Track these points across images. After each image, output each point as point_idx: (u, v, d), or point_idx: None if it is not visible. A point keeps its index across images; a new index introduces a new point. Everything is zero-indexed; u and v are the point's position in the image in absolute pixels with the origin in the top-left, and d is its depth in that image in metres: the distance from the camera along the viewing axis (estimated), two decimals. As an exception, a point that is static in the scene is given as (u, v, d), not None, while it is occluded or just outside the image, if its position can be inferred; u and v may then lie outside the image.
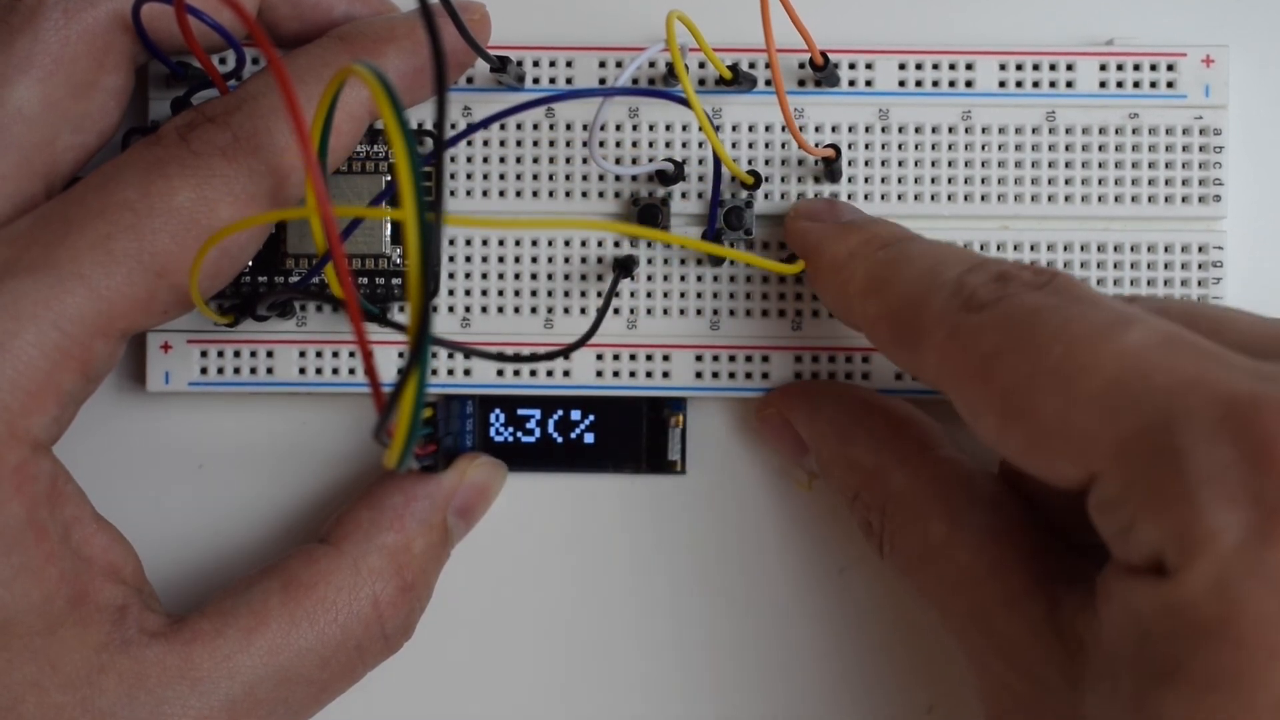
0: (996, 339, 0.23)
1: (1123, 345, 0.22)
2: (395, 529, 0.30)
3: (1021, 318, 0.23)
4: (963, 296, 0.24)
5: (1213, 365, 0.21)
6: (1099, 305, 0.23)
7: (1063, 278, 0.24)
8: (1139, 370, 0.21)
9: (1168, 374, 0.21)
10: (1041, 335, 0.23)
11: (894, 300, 0.26)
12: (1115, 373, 0.22)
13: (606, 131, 0.31)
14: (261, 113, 0.28)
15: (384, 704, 0.32)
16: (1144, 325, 0.22)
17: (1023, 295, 0.24)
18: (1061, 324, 0.23)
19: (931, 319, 0.25)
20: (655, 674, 0.32)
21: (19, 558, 0.26)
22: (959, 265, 0.25)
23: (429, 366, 0.21)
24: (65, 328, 0.26)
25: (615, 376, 0.31)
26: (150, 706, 0.26)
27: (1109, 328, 0.22)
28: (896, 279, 0.26)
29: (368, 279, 0.31)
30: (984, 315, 0.24)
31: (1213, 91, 0.31)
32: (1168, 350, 0.22)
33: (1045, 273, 0.24)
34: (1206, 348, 0.22)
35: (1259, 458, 0.20)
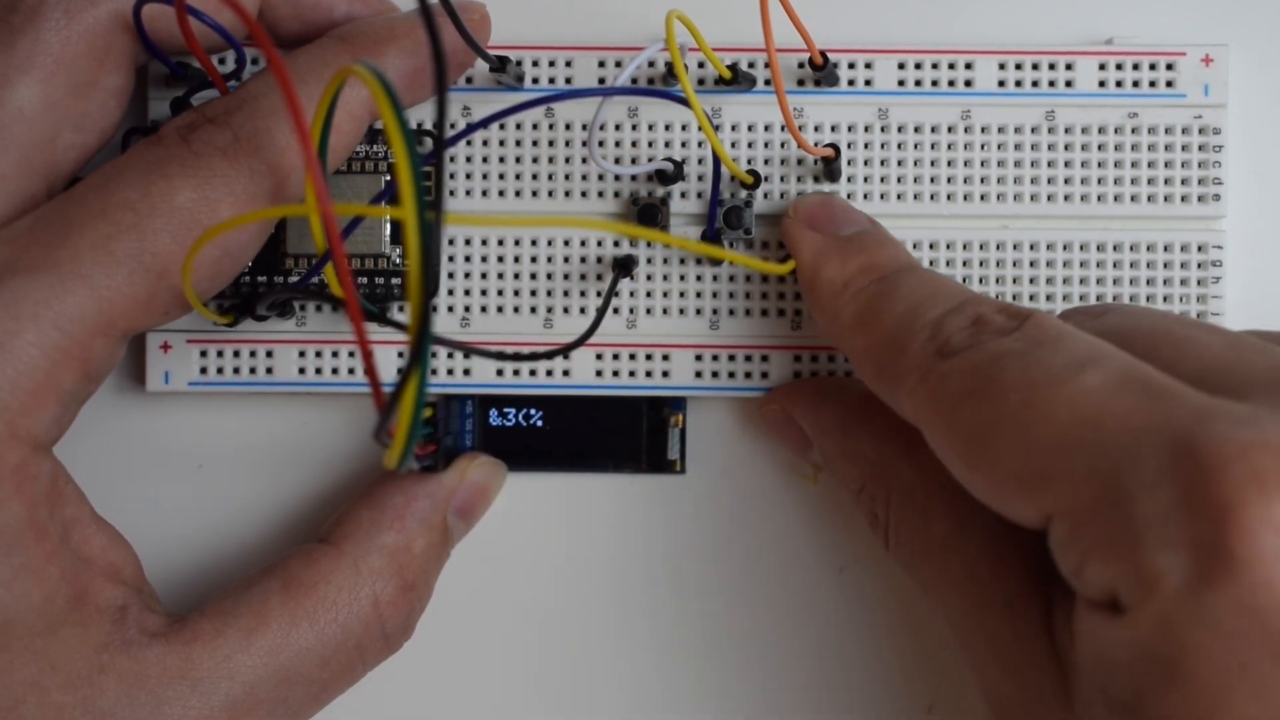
0: (962, 385, 0.24)
1: (1076, 390, 0.22)
2: (395, 529, 0.30)
3: (986, 365, 0.24)
4: (938, 342, 0.25)
5: (1162, 407, 0.21)
6: (1060, 349, 0.23)
7: (1034, 321, 0.24)
8: (1090, 416, 0.22)
9: (1118, 419, 0.22)
10: (1002, 382, 0.23)
11: (877, 338, 0.27)
12: (1068, 419, 0.22)
13: (606, 131, 0.31)
14: (262, 113, 0.28)
15: (384, 704, 0.32)
16: (1099, 368, 0.23)
17: (991, 342, 0.24)
18: (1021, 370, 0.23)
19: (907, 363, 0.25)
20: (655, 673, 0.32)
21: (19, 558, 0.26)
22: (941, 306, 0.26)
23: (429, 366, 0.21)
24: (66, 327, 0.26)
25: (615, 376, 0.31)
26: (150, 706, 0.26)
27: (1065, 373, 0.23)
28: (882, 316, 0.27)
29: (367, 279, 0.31)
30: (953, 362, 0.24)
31: (1212, 91, 0.31)
32: (1119, 393, 0.22)
33: (1019, 315, 0.25)
34: (1159, 387, 0.22)
35: (1197, 501, 0.20)
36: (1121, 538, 0.21)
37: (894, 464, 0.28)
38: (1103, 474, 0.21)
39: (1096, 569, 0.21)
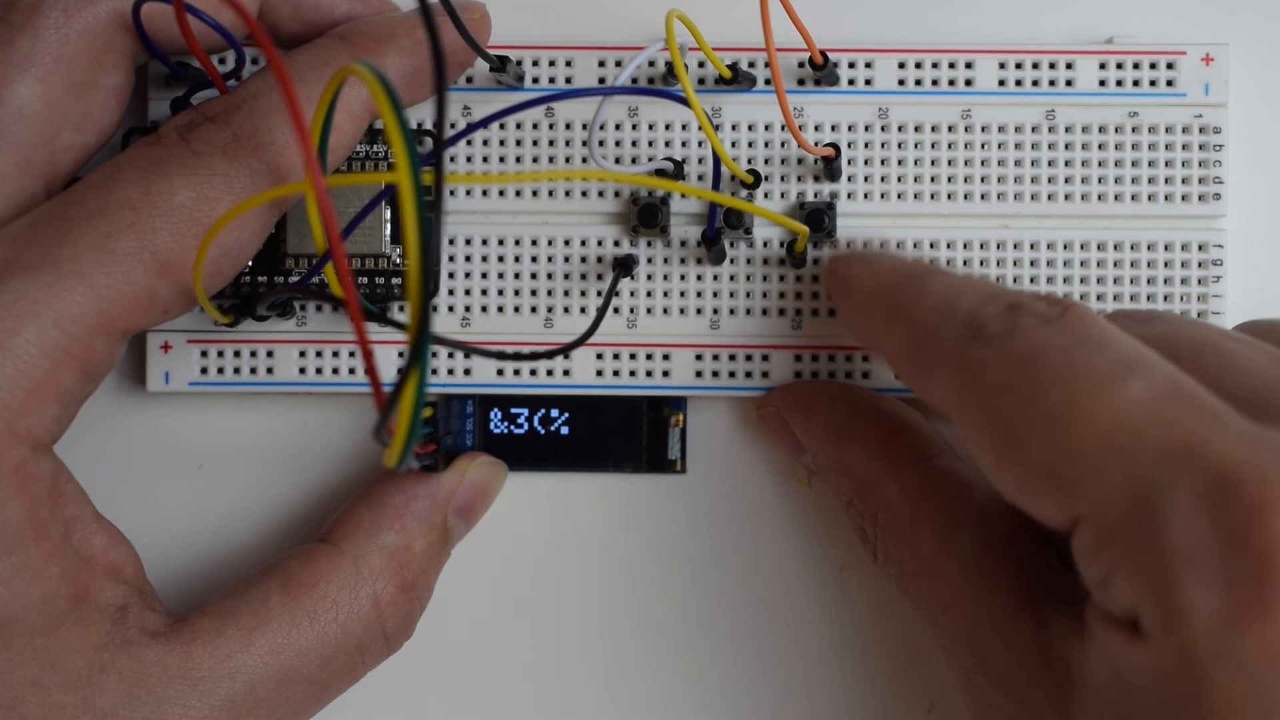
0: (999, 374, 0.23)
1: (1120, 398, 0.22)
2: (396, 528, 0.30)
3: (1025, 355, 0.23)
4: (973, 328, 0.24)
5: (1207, 428, 0.21)
6: (1104, 349, 0.23)
7: (1075, 311, 0.24)
8: (1132, 427, 0.21)
9: (1160, 435, 0.21)
10: (1042, 377, 0.23)
11: (910, 330, 0.26)
12: (1109, 427, 0.22)
13: (606, 131, 0.31)
14: (262, 112, 0.28)
15: (384, 704, 0.32)
16: (1144, 376, 0.22)
17: (1031, 330, 0.24)
18: (1063, 367, 0.23)
19: (942, 350, 0.25)
20: (655, 673, 0.32)
21: (20, 557, 0.26)
22: (975, 296, 0.25)
23: (429, 366, 0.21)
24: (65, 326, 0.26)
25: (615, 376, 0.31)
26: (151, 706, 0.26)
27: (1109, 377, 0.22)
28: (914, 308, 0.26)
29: (367, 279, 0.31)
30: (991, 349, 0.24)
31: (1212, 90, 0.31)
32: (1164, 406, 0.22)
33: (1059, 304, 0.24)
34: (1204, 405, 0.22)
35: (1237, 537, 0.20)
36: (1152, 562, 0.21)
37: (882, 480, 0.28)
38: (1139, 490, 0.21)
39: (1122, 586, 0.21)
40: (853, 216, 0.31)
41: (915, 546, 0.27)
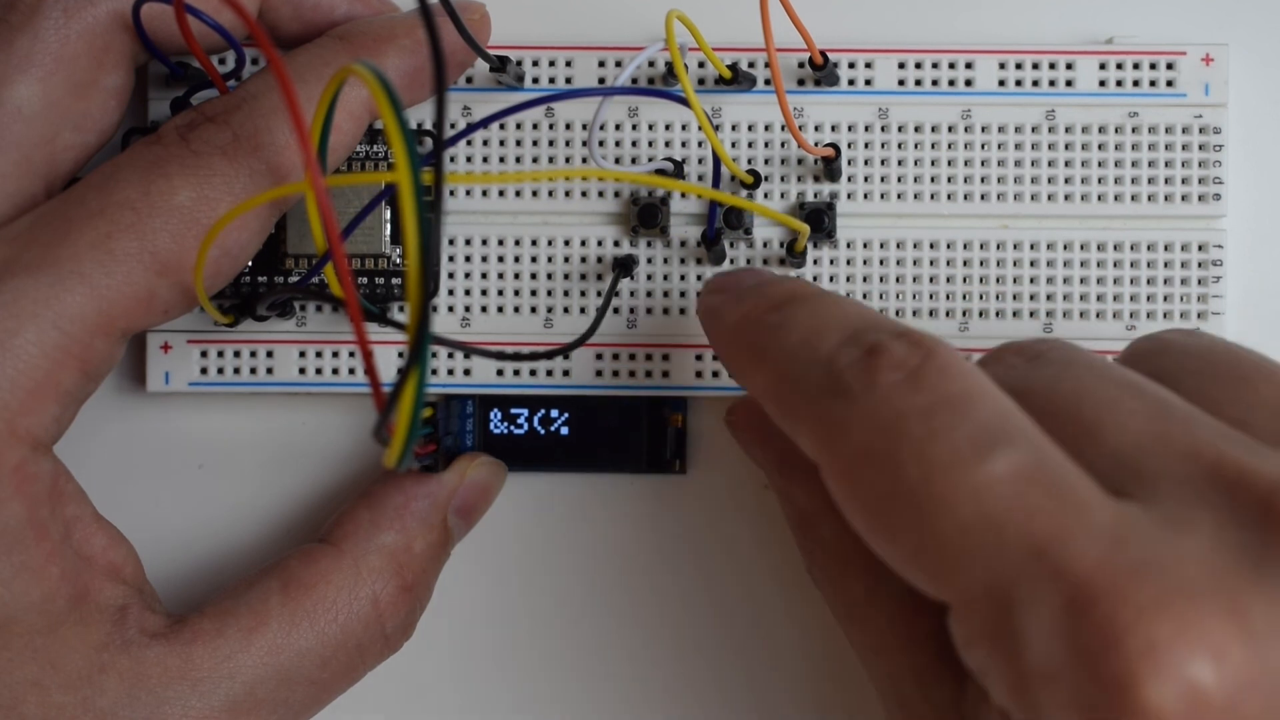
0: (860, 441, 0.22)
1: (979, 480, 0.20)
2: (395, 529, 0.30)
3: (884, 423, 0.22)
4: (833, 377, 0.23)
5: (1066, 521, 0.20)
6: (967, 416, 0.21)
7: (936, 362, 0.22)
8: (992, 518, 0.20)
9: (1020, 529, 0.20)
10: (902, 451, 0.21)
11: (772, 375, 0.24)
12: (969, 516, 0.20)
13: (606, 131, 0.31)
14: (262, 112, 0.28)
15: (384, 704, 0.32)
16: (1007, 453, 0.21)
17: (890, 388, 0.22)
18: (923, 440, 0.21)
19: (803, 401, 0.23)
20: (655, 673, 0.32)
21: (19, 557, 0.26)
22: (836, 334, 0.24)
23: (429, 365, 0.21)
24: (65, 327, 0.26)
25: (615, 376, 0.31)
26: (151, 706, 0.26)
27: (970, 453, 0.21)
28: (775, 349, 0.25)
29: (367, 279, 0.31)
30: (851, 409, 0.22)
31: (1212, 90, 0.31)
32: (1026, 491, 0.20)
33: (920, 348, 0.22)
34: (1066, 489, 0.20)
35: (1091, 662, 0.19)
36: (1015, 677, 0.20)
37: (820, 516, 0.27)
38: (1000, 594, 0.20)
39: (991, 686, 0.20)
40: (853, 216, 0.31)
41: (846, 590, 0.26)
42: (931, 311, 0.31)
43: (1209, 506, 0.20)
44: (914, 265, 0.31)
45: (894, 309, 0.31)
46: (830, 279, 0.31)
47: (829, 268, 0.31)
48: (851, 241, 0.31)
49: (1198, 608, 0.19)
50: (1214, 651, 0.18)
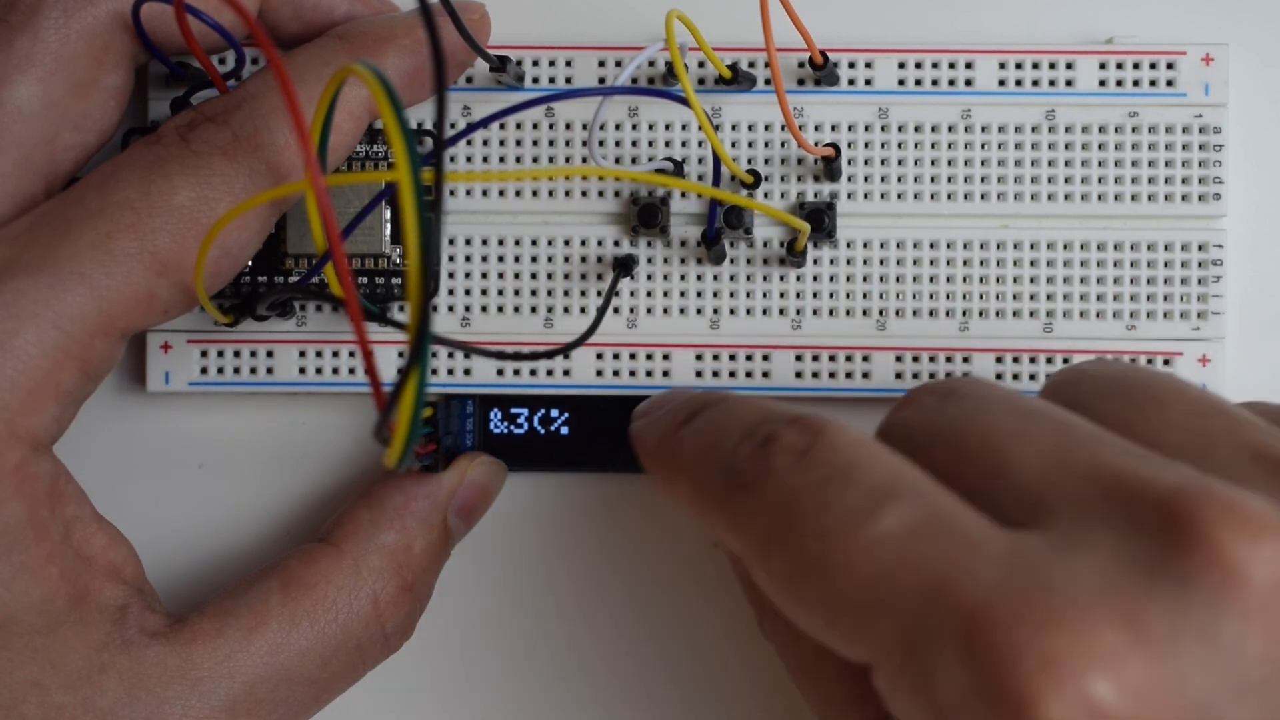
0: (762, 527, 0.23)
1: (871, 538, 0.21)
2: (395, 528, 0.30)
3: (781, 504, 0.22)
4: (733, 474, 0.24)
5: (960, 559, 0.20)
6: (854, 481, 0.22)
7: (826, 438, 0.23)
8: (887, 571, 0.21)
9: (914, 575, 0.20)
10: (800, 528, 0.22)
11: (687, 486, 0.25)
12: (867, 574, 0.21)
13: (606, 131, 0.31)
14: (262, 112, 0.28)
15: (384, 704, 0.32)
16: (895, 509, 0.21)
17: (783, 472, 0.23)
18: (816, 513, 0.22)
19: (712, 504, 0.24)
20: (656, 672, 0.32)
21: (19, 557, 0.26)
22: (735, 434, 0.24)
23: (429, 364, 0.21)
24: (65, 327, 0.26)
25: (615, 376, 0.31)
26: (151, 706, 0.26)
27: (859, 515, 0.21)
28: (684, 461, 0.25)
29: (367, 279, 0.31)
30: (751, 498, 0.23)
31: (1212, 90, 0.31)
32: (917, 541, 0.21)
33: (809, 429, 0.23)
34: (958, 531, 0.21)
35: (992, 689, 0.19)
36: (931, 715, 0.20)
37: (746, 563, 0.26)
38: (907, 641, 0.20)
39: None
40: (853, 216, 0.31)
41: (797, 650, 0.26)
42: (931, 311, 0.31)
43: (1106, 524, 0.20)
44: (914, 265, 0.31)
45: (894, 309, 0.31)
46: (830, 279, 0.31)
47: (829, 267, 0.31)
48: (851, 241, 0.31)
49: (1092, 619, 0.19)
50: (1111, 660, 0.18)
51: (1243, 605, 0.19)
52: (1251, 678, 0.19)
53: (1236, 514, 0.19)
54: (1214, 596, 0.19)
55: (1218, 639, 0.19)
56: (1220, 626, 0.19)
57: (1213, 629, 0.19)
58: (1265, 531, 0.19)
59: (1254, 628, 0.19)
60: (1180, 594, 0.19)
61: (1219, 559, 0.19)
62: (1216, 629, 0.19)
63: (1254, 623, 0.19)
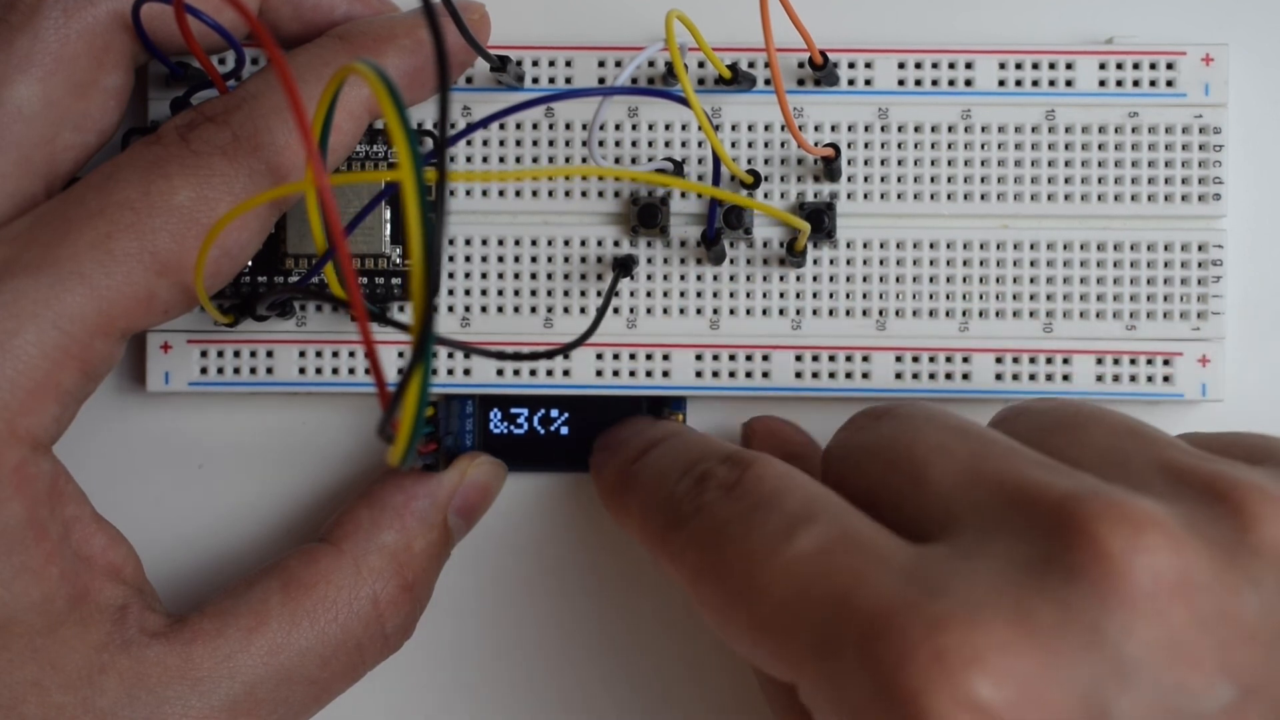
0: (696, 560, 0.24)
1: (789, 558, 0.22)
2: (396, 528, 0.30)
3: (710, 537, 0.24)
4: (671, 511, 0.25)
5: (866, 571, 0.21)
6: (774, 508, 0.23)
7: (754, 471, 0.24)
8: (800, 587, 0.22)
9: (826, 589, 0.21)
10: (727, 556, 0.23)
11: (637, 520, 0.27)
12: (784, 592, 0.22)
13: (606, 131, 0.31)
14: (262, 112, 0.28)
15: (384, 703, 0.32)
16: (811, 529, 0.22)
17: (714, 505, 0.24)
18: (741, 539, 0.23)
19: (655, 541, 0.26)
20: (656, 672, 0.32)
21: (19, 557, 0.26)
22: (675, 472, 0.26)
23: (432, 361, 0.21)
24: (65, 327, 0.26)
25: (615, 376, 0.31)
26: (151, 706, 0.26)
27: (778, 538, 0.22)
28: (632, 499, 0.27)
29: (367, 279, 0.31)
30: (685, 533, 0.24)
31: (1212, 90, 0.31)
32: (829, 557, 0.22)
33: (740, 464, 0.25)
34: (867, 546, 0.22)
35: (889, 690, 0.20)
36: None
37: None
38: (816, 653, 0.21)
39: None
40: (853, 217, 0.31)
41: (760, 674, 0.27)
42: (931, 311, 0.31)
43: (1005, 530, 0.21)
44: (914, 265, 0.31)
45: (894, 309, 0.31)
46: (830, 279, 0.31)
47: (829, 268, 0.31)
48: (851, 241, 0.31)
49: (981, 617, 0.20)
50: (997, 654, 0.19)
51: (1126, 597, 0.20)
52: (1138, 665, 0.20)
53: (1119, 511, 0.20)
54: (1098, 589, 0.20)
55: (1103, 630, 0.20)
56: (1105, 617, 0.20)
57: (1098, 620, 0.20)
58: (1148, 527, 0.20)
59: (1138, 617, 0.20)
60: (1066, 589, 0.20)
61: (1102, 553, 0.20)
62: (1102, 620, 0.20)
63: (1138, 613, 0.20)
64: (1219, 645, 0.20)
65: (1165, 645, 0.20)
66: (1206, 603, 0.20)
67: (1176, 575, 0.20)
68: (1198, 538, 0.21)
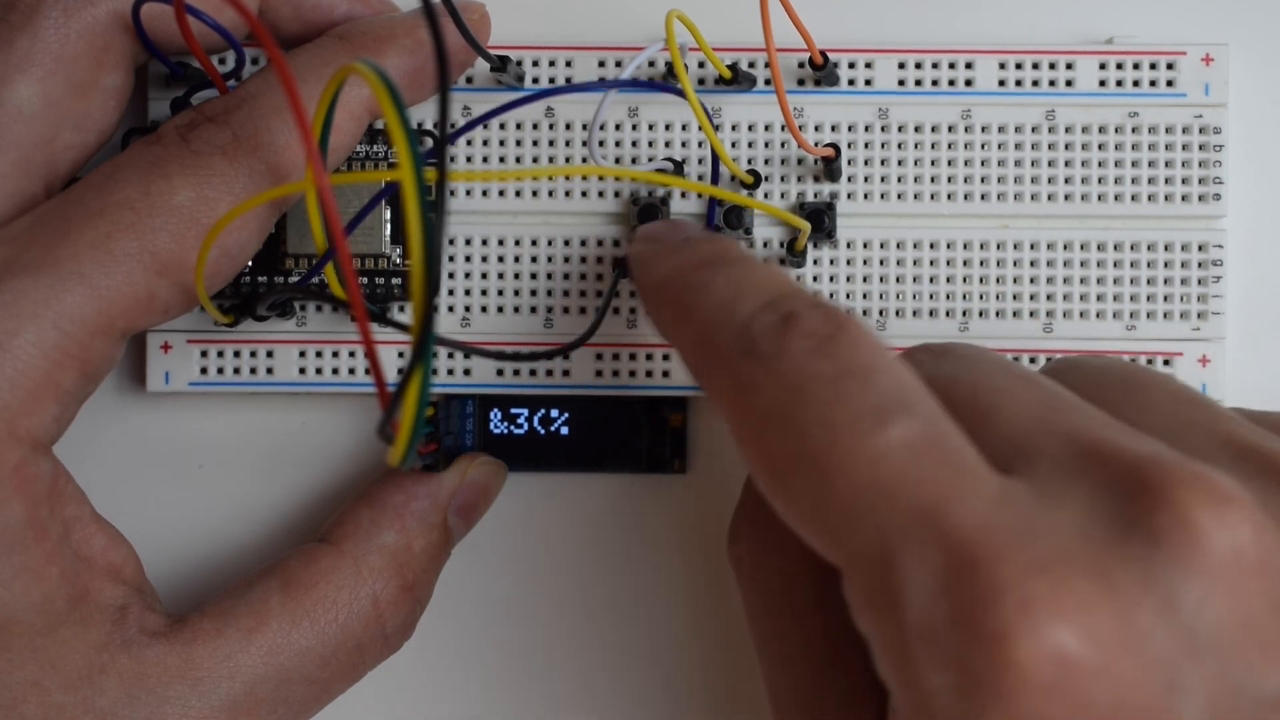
0: (767, 402, 0.22)
1: (877, 446, 0.21)
2: (396, 528, 0.30)
3: (793, 385, 0.22)
4: (747, 340, 0.23)
5: (954, 489, 0.20)
6: (870, 384, 0.22)
7: (849, 333, 0.23)
8: (884, 483, 0.21)
9: (909, 494, 0.20)
10: (806, 414, 0.22)
11: (693, 333, 0.25)
12: (864, 479, 0.21)
13: (606, 131, 0.31)
14: (262, 112, 0.28)
15: (384, 703, 0.32)
16: (904, 422, 0.21)
17: (801, 354, 0.23)
18: (828, 403, 0.22)
19: (718, 361, 0.24)
20: (657, 672, 0.32)
21: (19, 557, 0.26)
22: (754, 300, 0.24)
23: (432, 362, 0.21)
24: (65, 327, 0.26)
25: (615, 376, 0.31)
26: (151, 706, 0.26)
27: (869, 420, 0.21)
28: (698, 308, 0.25)
29: (367, 279, 0.31)
30: (761, 369, 0.23)
31: (1212, 90, 0.31)
32: (918, 459, 0.21)
33: (832, 319, 0.23)
34: (956, 459, 0.21)
35: (969, 620, 0.19)
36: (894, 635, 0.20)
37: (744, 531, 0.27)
38: (886, 555, 0.20)
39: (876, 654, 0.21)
40: (853, 217, 0.31)
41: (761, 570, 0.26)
42: (931, 311, 0.31)
43: (1083, 482, 0.21)
44: (914, 265, 0.31)
45: (894, 309, 0.31)
46: (830, 279, 0.31)
47: (829, 268, 0.31)
48: (851, 241, 0.31)
49: (1069, 569, 0.19)
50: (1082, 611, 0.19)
51: (1206, 570, 0.19)
52: (1210, 641, 0.19)
53: (1204, 484, 0.20)
54: (1180, 559, 0.20)
55: (1181, 601, 0.19)
56: (1184, 589, 0.19)
57: (1177, 591, 0.19)
58: (1234, 503, 0.20)
59: (1216, 593, 0.19)
60: (1149, 554, 0.20)
61: (1186, 524, 0.20)
62: (1180, 591, 0.19)
63: (1216, 588, 0.19)
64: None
65: (1240, 623, 0.19)
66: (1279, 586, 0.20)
67: (1258, 554, 0.20)
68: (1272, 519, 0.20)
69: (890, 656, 0.20)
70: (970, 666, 0.19)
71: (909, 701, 0.20)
